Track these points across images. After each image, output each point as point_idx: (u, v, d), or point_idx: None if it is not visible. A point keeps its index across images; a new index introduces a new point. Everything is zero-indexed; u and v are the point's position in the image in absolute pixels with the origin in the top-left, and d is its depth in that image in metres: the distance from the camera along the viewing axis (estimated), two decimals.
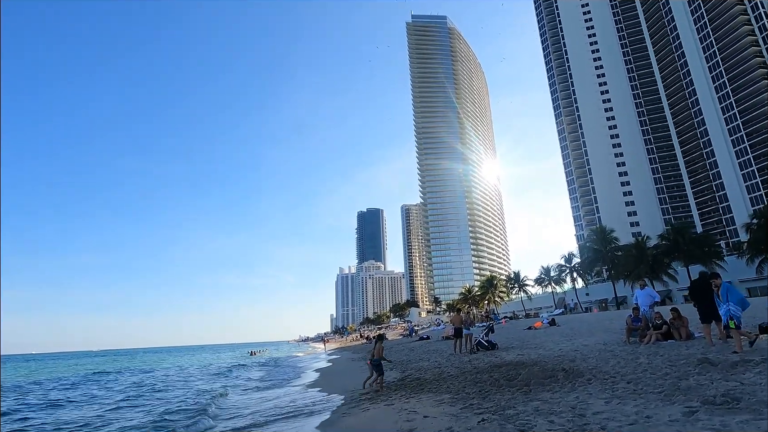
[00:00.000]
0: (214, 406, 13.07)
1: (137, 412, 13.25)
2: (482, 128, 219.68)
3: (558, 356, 11.71)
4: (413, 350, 24.89)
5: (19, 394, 21.45)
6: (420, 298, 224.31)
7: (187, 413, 12.00)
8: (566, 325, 25.69)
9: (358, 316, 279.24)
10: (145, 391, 19.95)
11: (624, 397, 6.02)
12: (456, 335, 18.79)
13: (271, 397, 14.40)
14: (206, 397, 15.29)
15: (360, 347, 46.33)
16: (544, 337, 19.63)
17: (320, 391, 14.09)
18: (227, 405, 13.45)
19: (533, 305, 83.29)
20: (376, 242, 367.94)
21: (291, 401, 12.66)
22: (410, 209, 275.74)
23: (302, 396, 13.58)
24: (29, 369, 54.01)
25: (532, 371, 9.02)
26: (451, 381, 10.00)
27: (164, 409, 13.27)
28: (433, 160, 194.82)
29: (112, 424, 11.56)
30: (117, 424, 11.37)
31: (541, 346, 15.45)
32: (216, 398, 14.83)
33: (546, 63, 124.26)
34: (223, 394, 16.00)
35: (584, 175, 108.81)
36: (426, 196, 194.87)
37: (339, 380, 16.14)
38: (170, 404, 14.40)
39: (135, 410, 13.80)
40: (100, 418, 12.57)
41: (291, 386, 17.63)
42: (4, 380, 32.35)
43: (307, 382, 18.01)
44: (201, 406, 13.09)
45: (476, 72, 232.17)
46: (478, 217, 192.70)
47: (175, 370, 35.33)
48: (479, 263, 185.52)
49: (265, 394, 15.67)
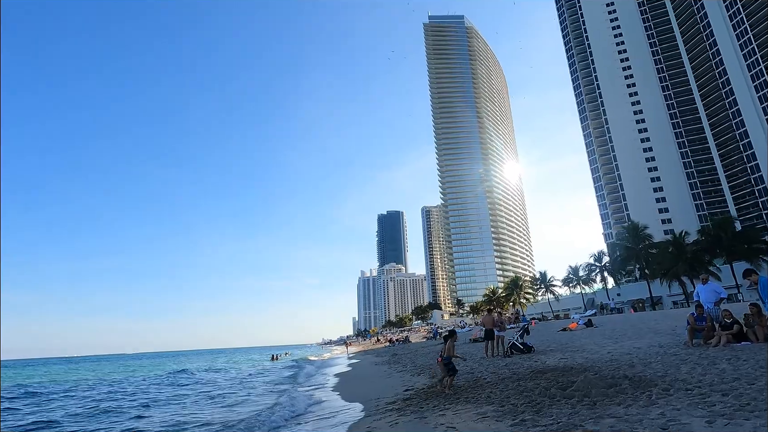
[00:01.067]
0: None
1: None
2: (502, 127, 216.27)
3: (610, 360, 10.28)
4: (440, 353, 23.57)
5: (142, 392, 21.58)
6: (442, 300, 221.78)
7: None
8: (604, 326, 23.91)
9: (380, 319, 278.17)
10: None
11: (731, 415, 4.65)
12: (487, 337, 17.43)
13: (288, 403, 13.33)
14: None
15: (383, 350, 45.14)
16: (583, 338, 18.04)
17: (340, 396, 12.97)
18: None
19: (561, 306, 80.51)
20: (396, 245, 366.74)
21: (306, 408, 11.58)
22: (431, 211, 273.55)
23: (319, 406, 12.47)
24: (102, 370, 54.87)
25: (588, 379, 7.64)
26: (491, 389, 8.72)
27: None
28: (453, 160, 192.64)
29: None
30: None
31: (583, 349, 13.96)
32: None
33: (568, 57, 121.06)
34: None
35: (611, 172, 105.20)
36: (446, 197, 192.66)
37: (361, 386, 14.98)
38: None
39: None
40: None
41: (308, 390, 16.58)
42: (89, 379, 34.89)
43: (327, 387, 16.95)
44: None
45: (495, 70, 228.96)
46: (500, 217, 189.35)
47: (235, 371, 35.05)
48: (502, 264, 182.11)
49: (281, 401, 14.64)
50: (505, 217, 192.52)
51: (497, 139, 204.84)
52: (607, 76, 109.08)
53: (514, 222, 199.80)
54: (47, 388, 25.70)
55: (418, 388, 10.90)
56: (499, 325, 17.73)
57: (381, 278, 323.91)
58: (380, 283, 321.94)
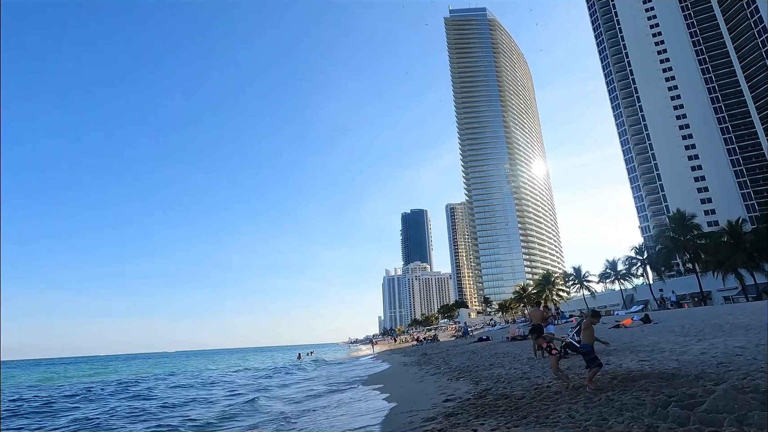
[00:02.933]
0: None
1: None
2: (528, 121, 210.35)
3: (718, 365, 7.79)
4: (476, 353, 21.18)
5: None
6: (469, 298, 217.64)
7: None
8: (666, 322, 21.00)
9: (406, 318, 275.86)
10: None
11: None
12: (535, 334, 15.01)
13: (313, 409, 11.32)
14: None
15: (411, 349, 42.89)
16: (648, 336, 15.36)
17: (361, 410, 10.83)
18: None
19: (596, 303, 76.32)
20: (421, 243, 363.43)
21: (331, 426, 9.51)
22: (455, 208, 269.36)
23: (350, 419, 10.36)
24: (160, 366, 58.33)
25: (730, 394, 5.19)
26: (568, 404, 6.38)
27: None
28: (478, 156, 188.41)
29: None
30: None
31: (661, 349, 11.40)
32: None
33: (598, 44, 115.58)
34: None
35: (647, 161, 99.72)
36: (471, 193, 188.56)
37: (389, 391, 12.81)
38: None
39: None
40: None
41: (338, 395, 14.52)
42: (143, 374, 38.53)
43: (345, 392, 14.86)
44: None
45: (519, 63, 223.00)
46: (528, 213, 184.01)
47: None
48: (531, 261, 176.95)
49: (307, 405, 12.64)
50: (533, 212, 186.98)
51: (523, 134, 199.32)
52: (642, 63, 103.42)
53: (542, 217, 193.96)
54: (144, 383, 27.48)
55: (461, 398, 8.66)
56: (548, 320, 15.31)
57: (406, 277, 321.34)
58: (405, 282, 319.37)
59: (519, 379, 9.85)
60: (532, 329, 13.97)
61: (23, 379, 38.77)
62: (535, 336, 14.88)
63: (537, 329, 14.83)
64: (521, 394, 7.86)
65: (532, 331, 14.53)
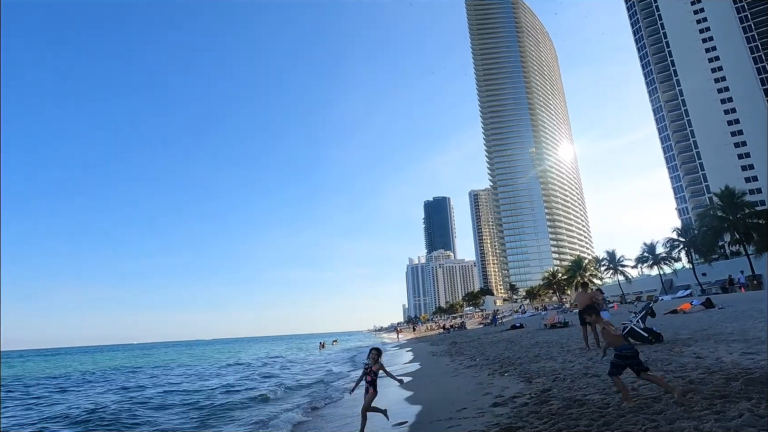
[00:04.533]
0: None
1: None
2: (554, 103, 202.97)
3: None
4: (513, 342, 19.16)
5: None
6: (494, 286, 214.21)
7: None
8: (733, 307, 18.51)
9: (431, 306, 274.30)
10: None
11: None
12: (585, 320, 12.91)
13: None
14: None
15: (438, 338, 41.07)
16: (724, 323, 13.04)
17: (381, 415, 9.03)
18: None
19: (632, 289, 72.77)
20: (444, 231, 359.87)
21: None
22: (479, 195, 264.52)
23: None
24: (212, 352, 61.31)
25: None
26: (674, 416, 4.34)
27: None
28: (502, 140, 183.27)
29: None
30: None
31: (754, 338, 9.20)
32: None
33: (631, 20, 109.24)
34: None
35: (685, 139, 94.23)
36: (495, 179, 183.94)
37: (416, 389, 10.97)
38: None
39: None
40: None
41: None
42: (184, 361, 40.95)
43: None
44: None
45: (544, 43, 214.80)
46: (555, 198, 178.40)
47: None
48: (558, 247, 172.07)
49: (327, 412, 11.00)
50: (560, 197, 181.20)
51: (549, 116, 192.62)
52: (680, 38, 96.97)
53: (570, 202, 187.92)
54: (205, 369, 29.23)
55: (515, 402, 6.72)
56: (598, 305, 13.16)
57: (429, 265, 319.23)
58: (429, 270, 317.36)
59: (584, 376, 7.85)
60: (584, 311, 11.76)
61: (115, 363, 41.87)
62: (592, 318, 12.73)
63: (591, 309, 12.51)
64: (600, 398, 5.88)
65: (585, 313, 12.22)
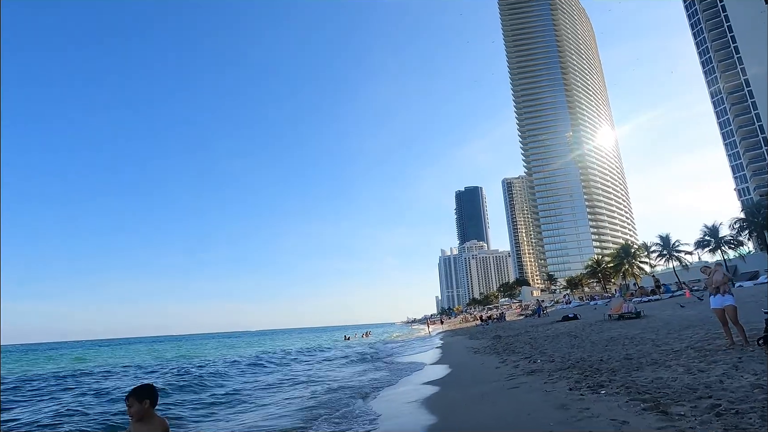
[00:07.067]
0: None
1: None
2: (592, 83, 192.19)
3: None
4: (577, 337, 15.46)
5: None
6: (530, 276, 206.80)
7: None
8: None
9: (464, 297, 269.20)
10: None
11: None
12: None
13: None
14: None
15: (475, 330, 37.42)
16: None
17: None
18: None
19: (690, 277, 66.38)
20: (476, 221, 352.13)
21: None
22: (512, 183, 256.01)
23: None
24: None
25: None
26: None
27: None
28: (536, 124, 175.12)
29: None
30: None
31: None
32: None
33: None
34: None
35: (746, 112, 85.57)
36: (530, 166, 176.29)
37: (458, 418, 7.63)
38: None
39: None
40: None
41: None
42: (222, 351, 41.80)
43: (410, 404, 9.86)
44: None
45: (581, 19, 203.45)
46: (595, 183, 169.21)
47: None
48: (599, 235, 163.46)
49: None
50: (600, 182, 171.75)
51: (587, 97, 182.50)
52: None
53: (611, 187, 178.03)
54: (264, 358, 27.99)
55: None
56: (723, 287, 9.41)
57: (462, 256, 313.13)
58: (461, 261, 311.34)
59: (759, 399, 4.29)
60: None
61: (170, 355, 41.20)
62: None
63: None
64: None
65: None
